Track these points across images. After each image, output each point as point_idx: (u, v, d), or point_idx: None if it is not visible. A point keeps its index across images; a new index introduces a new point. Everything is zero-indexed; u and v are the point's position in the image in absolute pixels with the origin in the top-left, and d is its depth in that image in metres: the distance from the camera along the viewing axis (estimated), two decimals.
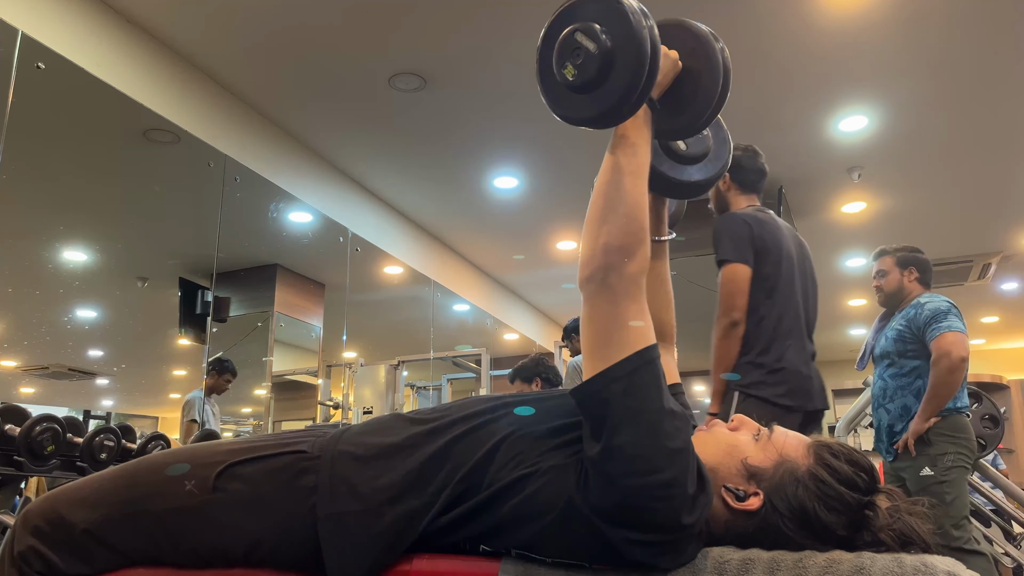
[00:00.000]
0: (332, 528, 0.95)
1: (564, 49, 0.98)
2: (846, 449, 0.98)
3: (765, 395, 2.30)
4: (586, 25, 0.96)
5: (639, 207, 0.97)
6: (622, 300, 0.94)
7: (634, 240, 0.95)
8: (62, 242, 3.23)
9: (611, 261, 0.93)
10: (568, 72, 0.97)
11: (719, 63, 1.08)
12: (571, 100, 0.99)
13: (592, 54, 0.95)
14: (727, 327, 2.39)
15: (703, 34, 1.10)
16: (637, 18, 0.94)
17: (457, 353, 5.65)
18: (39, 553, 0.99)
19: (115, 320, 3.61)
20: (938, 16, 3.26)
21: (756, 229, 2.44)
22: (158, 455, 1.06)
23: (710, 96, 1.07)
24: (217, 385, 3.78)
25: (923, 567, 0.84)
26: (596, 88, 0.96)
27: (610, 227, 0.95)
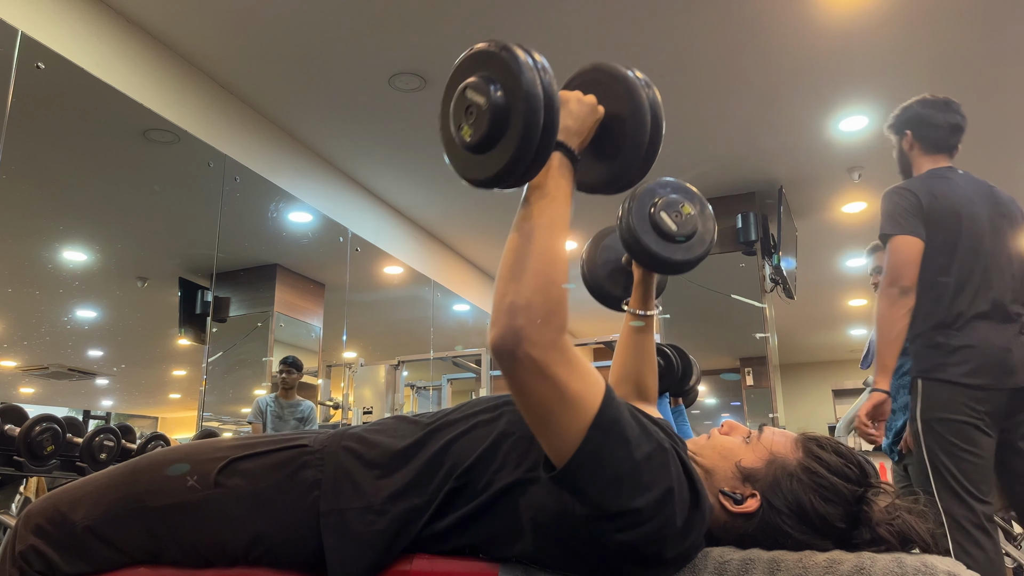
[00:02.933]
0: (334, 524, 0.95)
1: (458, 108, 0.91)
2: (832, 441, 1.00)
3: (949, 376, 2.09)
4: (474, 81, 0.89)
5: (554, 263, 0.86)
6: (548, 373, 0.82)
7: (547, 299, 0.83)
8: (62, 242, 3.23)
9: (519, 325, 0.81)
10: (465, 133, 0.89)
11: (643, 105, 1.00)
12: (474, 162, 0.91)
13: (483, 110, 0.87)
14: (896, 296, 2.14)
15: (622, 76, 1.01)
16: (525, 66, 0.87)
17: (457, 353, 5.65)
18: (40, 552, 0.99)
19: (115, 320, 3.61)
20: (938, 16, 3.26)
21: (925, 200, 2.20)
22: (159, 452, 1.06)
23: (639, 141, 1.01)
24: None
25: (923, 567, 0.84)
26: (494, 145, 0.88)
27: (519, 285, 0.84)
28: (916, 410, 2.16)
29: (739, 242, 4.86)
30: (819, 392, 10.24)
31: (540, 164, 0.89)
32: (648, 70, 3.50)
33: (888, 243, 2.22)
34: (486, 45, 0.90)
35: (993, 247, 2.22)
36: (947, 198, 2.22)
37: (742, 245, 4.86)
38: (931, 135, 2.35)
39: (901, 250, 2.18)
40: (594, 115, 0.99)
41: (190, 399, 4.01)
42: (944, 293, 2.18)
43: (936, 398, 2.12)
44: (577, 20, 3.26)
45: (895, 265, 2.18)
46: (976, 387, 2.08)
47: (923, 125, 2.36)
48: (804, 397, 10.18)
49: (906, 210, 2.21)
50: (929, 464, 2.10)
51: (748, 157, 4.52)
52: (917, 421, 2.14)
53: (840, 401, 10.14)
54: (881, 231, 2.24)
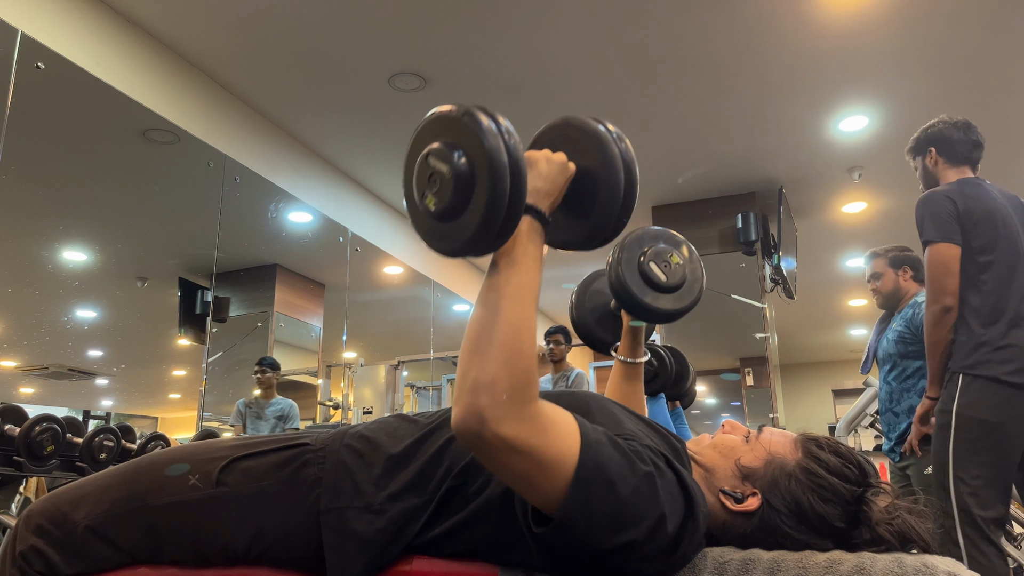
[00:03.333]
0: (334, 522, 0.95)
1: (421, 176, 0.87)
2: (831, 442, 1.00)
3: (994, 374, 2.13)
4: (436, 148, 0.85)
5: (520, 334, 0.82)
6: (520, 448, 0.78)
7: (513, 373, 0.79)
8: (62, 242, 3.23)
9: (483, 405, 0.77)
10: (429, 202, 0.86)
11: (616, 160, 0.96)
12: (441, 231, 0.87)
13: (447, 178, 0.84)
14: (939, 313, 2.21)
15: (592, 131, 0.98)
16: (489, 132, 0.83)
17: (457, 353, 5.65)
18: (40, 552, 0.99)
19: (115, 320, 3.61)
20: (938, 16, 3.26)
21: (961, 203, 2.27)
22: (161, 452, 1.07)
23: (613, 197, 0.95)
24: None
25: (924, 567, 0.84)
26: (459, 215, 0.84)
27: (483, 360, 0.80)
28: (953, 404, 2.18)
29: (739, 242, 4.86)
30: (819, 392, 10.25)
31: (508, 233, 0.86)
32: (648, 70, 3.51)
33: (928, 250, 2.28)
34: (448, 109, 0.87)
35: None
36: (982, 201, 2.30)
37: (742, 245, 4.86)
38: (955, 149, 2.45)
39: (941, 260, 2.24)
40: (565, 173, 0.95)
41: (190, 399, 4.01)
42: (988, 291, 2.23)
43: (977, 395, 2.16)
44: (577, 21, 3.26)
45: (937, 278, 2.24)
46: (1018, 386, 2.13)
47: (946, 142, 2.46)
48: (804, 397, 10.19)
49: (943, 216, 2.27)
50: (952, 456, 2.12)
51: (748, 157, 4.52)
52: (952, 414, 2.17)
53: (840, 401, 10.15)
54: (923, 237, 2.29)
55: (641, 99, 3.88)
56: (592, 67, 3.60)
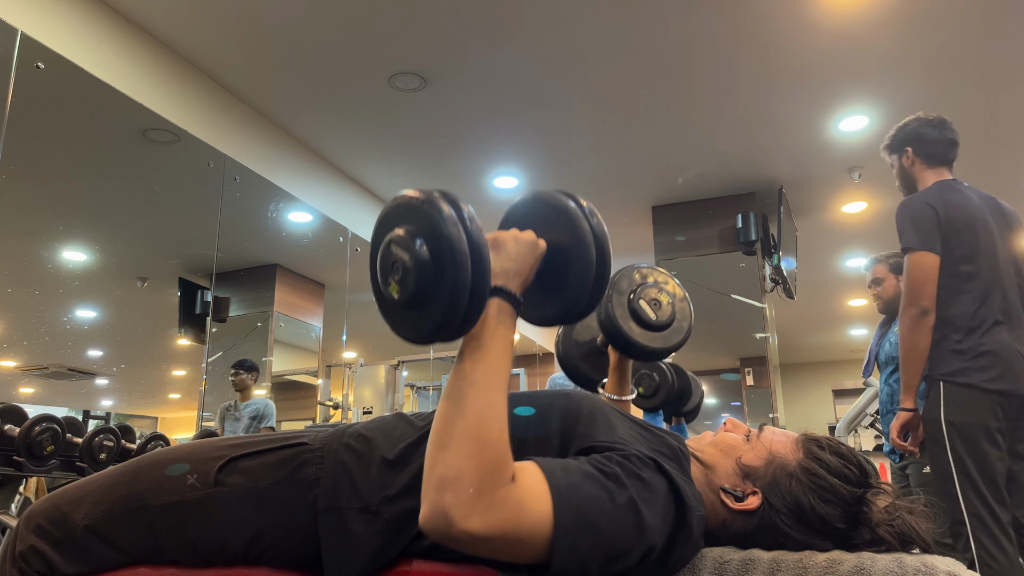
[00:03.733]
0: (331, 522, 0.95)
1: (384, 263, 0.86)
2: (833, 442, 1.00)
3: (972, 381, 2.14)
4: (398, 235, 0.84)
5: (487, 421, 0.80)
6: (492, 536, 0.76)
7: (480, 463, 0.77)
8: (62, 242, 3.23)
9: (448, 505, 0.75)
10: (392, 289, 0.85)
11: (587, 236, 0.94)
12: (406, 318, 0.87)
13: (408, 267, 0.83)
14: (916, 316, 2.21)
15: (563, 208, 0.96)
16: (449, 220, 0.82)
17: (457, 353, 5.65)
18: (40, 552, 0.99)
19: (115, 320, 3.61)
20: (938, 15, 3.26)
21: (943, 212, 2.26)
22: (160, 452, 1.07)
23: (586, 272, 0.94)
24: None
25: (924, 568, 0.84)
26: (423, 304, 0.83)
27: (446, 455, 0.78)
28: (939, 412, 2.18)
29: (739, 242, 4.86)
30: (819, 392, 10.25)
31: (473, 320, 0.85)
32: (648, 70, 3.51)
33: (908, 257, 2.27)
34: (410, 196, 0.86)
35: (1003, 256, 2.29)
36: (963, 209, 2.29)
37: (742, 245, 4.86)
38: (932, 149, 2.43)
39: (921, 267, 2.23)
40: (535, 252, 0.94)
41: (190, 399, 4.00)
42: (970, 300, 2.22)
43: (962, 401, 2.16)
44: (577, 21, 3.26)
45: (915, 283, 2.23)
46: (998, 392, 2.13)
47: (923, 141, 2.44)
48: (804, 397, 10.18)
49: (925, 224, 2.26)
50: (954, 465, 2.12)
51: (748, 157, 4.52)
52: (941, 423, 2.17)
53: (840, 401, 10.15)
54: (904, 243, 2.28)
55: (641, 99, 3.88)
56: (592, 67, 3.60)
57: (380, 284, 0.88)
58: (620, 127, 4.17)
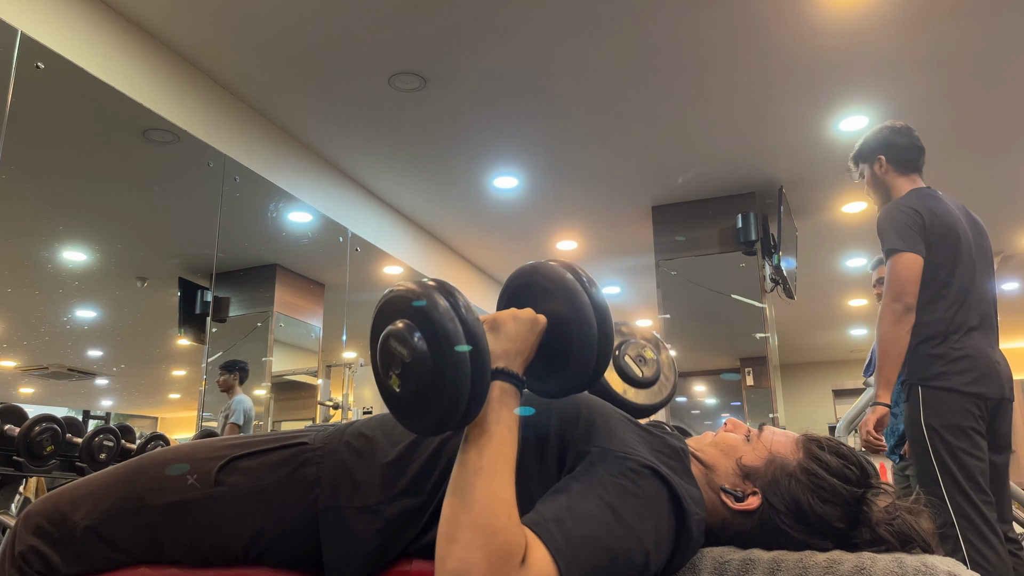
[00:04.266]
0: (332, 521, 0.95)
1: (384, 357, 0.86)
2: (833, 443, 1.00)
3: (950, 385, 2.19)
4: (395, 330, 0.84)
5: (495, 507, 0.80)
6: None
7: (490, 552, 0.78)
8: (62, 242, 3.23)
9: None
10: (393, 383, 0.85)
11: (584, 304, 0.92)
12: (410, 409, 0.86)
13: (408, 363, 0.83)
14: (900, 312, 2.23)
15: (559, 277, 0.94)
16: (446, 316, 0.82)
17: None
18: (39, 552, 0.98)
19: (115, 320, 3.61)
20: (938, 15, 3.26)
21: (927, 218, 2.30)
22: (160, 452, 1.07)
23: (588, 345, 0.92)
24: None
25: (924, 567, 0.84)
26: (426, 397, 0.83)
27: (457, 547, 0.78)
28: (919, 416, 2.21)
29: (739, 242, 4.86)
30: (819, 392, 10.24)
31: (476, 411, 0.84)
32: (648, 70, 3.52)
33: (892, 258, 2.29)
34: (404, 290, 0.86)
35: (978, 264, 2.34)
36: (943, 217, 2.32)
37: (742, 245, 4.86)
38: (903, 156, 2.47)
39: (906, 267, 2.25)
40: (535, 329, 0.93)
41: (190, 399, 4.00)
42: (946, 306, 2.26)
43: (940, 405, 2.19)
44: (577, 21, 3.26)
45: (899, 282, 2.25)
46: (976, 395, 2.17)
47: (895, 148, 2.47)
48: (804, 397, 10.18)
49: (909, 227, 2.28)
50: (938, 467, 2.16)
51: (748, 157, 4.52)
52: (922, 427, 2.20)
53: (840, 401, 10.14)
54: (887, 246, 2.31)
55: (641, 98, 3.88)
56: (592, 67, 3.60)
57: (381, 377, 0.87)
58: (620, 127, 4.17)
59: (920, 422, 2.20)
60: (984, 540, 2.06)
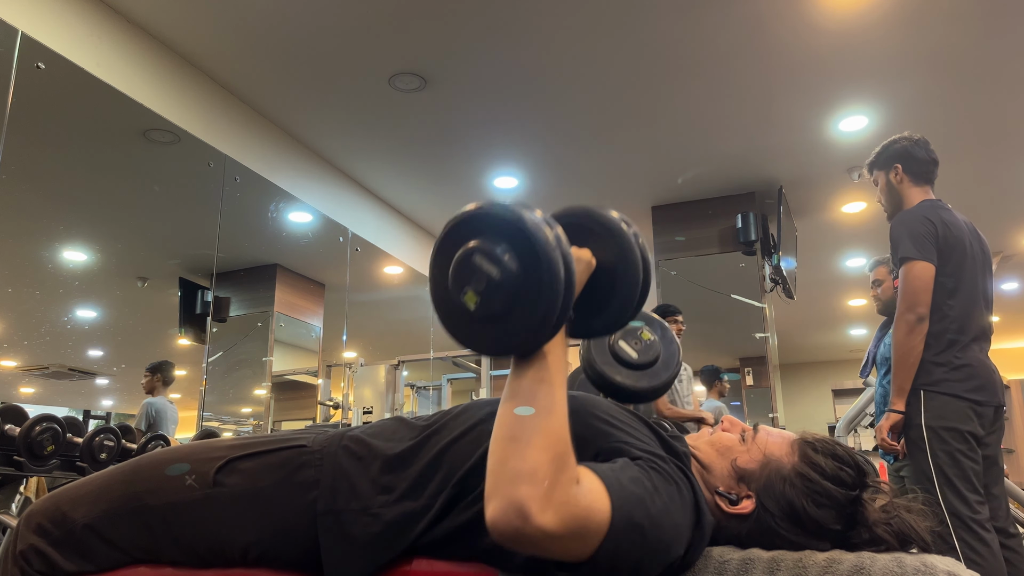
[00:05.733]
0: (330, 525, 0.95)
1: (461, 271, 0.82)
2: (829, 444, 1.00)
3: (954, 391, 2.24)
4: (486, 247, 0.81)
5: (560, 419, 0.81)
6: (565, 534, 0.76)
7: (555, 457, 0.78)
8: (62, 242, 3.23)
9: (524, 497, 0.74)
10: (469, 299, 0.82)
11: (635, 255, 0.94)
12: (474, 330, 0.84)
13: (495, 281, 0.80)
14: (913, 323, 2.27)
15: (615, 226, 0.95)
16: (545, 238, 0.80)
17: (457, 353, 5.65)
18: (40, 551, 0.99)
19: (115, 320, 3.61)
20: (937, 16, 3.26)
21: (940, 229, 2.34)
22: (160, 452, 1.07)
23: (630, 292, 0.94)
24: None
25: (923, 567, 0.84)
26: (502, 320, 0.81)
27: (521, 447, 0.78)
28: (920, 418, 2.27)
29: (739, 242, 4.86)
30: (819, 392, 10.24)
31: (548, 340, 0.85)
32: (648, 70, 3.51)
33: (906, 266, 2.32)
34: (501, 209, 0.83)
35: (980, 278, 2.39)
36: (953, 228, 2.37)
37: (742, 245, 4.86)
38: (919, 168, 2.50)
39: (919, 276, 2.30)
40: (588, 271, 0.94)
41: (190, 399, 4.00)
42: (951, 316, 2.31)
43: (942, 408, 2.25)
44: (577, 21, 3.26)
45: (913, 291, 2.29)
46: (977, 402, 2.24)
47: (912, 159, 2.50)
48: (804, 397, 10.18)
49: (923, 236, 2.32)
50: (933, 468, 2.21)
51: (748, 157, 4.52)
52: (922, 428, 2.26)
53: (840, 401, 10.14)
54: (901, 253, 2.34)
55: (641, 99, 3.88)
56: (592, 67, 3.60)
57: (452, 292, 0.83)
58: (620, 127, 4.17)
59: (920, 424, 2.26)
60: (977, 537, 2.11)
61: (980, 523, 2.13)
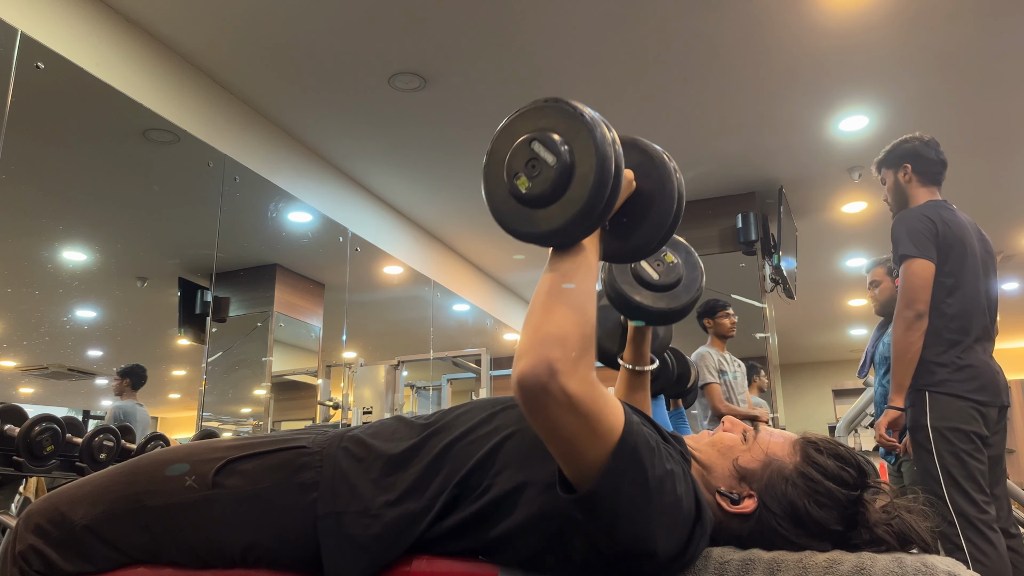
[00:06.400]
0: (331, 527, 0.95)
1: (518, 158, 0.90)
2: (831, 444, 0.99)
3: (957, 391, 2.25)
4: (545, 135, 0.88)
5: (590, 302, 0.86)
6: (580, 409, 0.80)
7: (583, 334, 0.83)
8: (62, 242, 3.23)
9: (554, 357, 0.79)
10: (521, 183, 0.88)
11: (673, 188, 1.00)
12: (520, 213, 0.90)
13: (550, 167, 0.87)
14: (912, 319, 2.28)
15: (658, 155, 1.01)
16: (603, 135, 0.87)
17: (457, 353, 5.65)
18: (39, 552, 0.99)
19: (115, 320, 3.61)
20: (938, 16, 3.26)
21: (940, 227, 2.35)
22: (159, 452, 1.06)
23: (662, 220, 0.99)
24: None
25: (923, 567, 0.84)
26: (550, 203, 0.87)
27: (554, 317, 0.83)
28: (926, 419, 2.27)
29: (739, 242, 4.86)
30: (819, 392, 10.24)
31: (590, 232, 0.90)
32: (648, 70, 3.51)
33: (905, 264, 2.33)
34: (567, 105, 0.90)
35: (982, 278, 2.41)
36: (955, 227, 2.38)
37: (742, 245, 4.86)
38: (929, 169, 2.52)
39: (918, 273, 2.31)
40: (628, 190, 0.99)
41: (190, 399, 4.00)
42: (950, 313, 2.32)
43: (946, 409, 2.25)
44: (577, 21, 3.26)
45: (912, 288, 2.30)
46: (981, 402, 2.24)
47: (922, 159, 2.52)
48: (804, 397, 10.18)
49: (923, 234, 2.33)
50: (940, 469, 2.21)
51: (748, 157, 4.52)
52: (928, 429, 2.26)
53: (840, 401, 10.14)
54: (900, 251, 2.35)
55: (641, 99, 3.88)
56: (592, 67, 3.60)
57: (505, 176, 0.90)
58: (620, 127, 4.14)
59: (926, 424, 2.25)
60: (984, 538, 2.11)
61: (988, 524, 2.13)
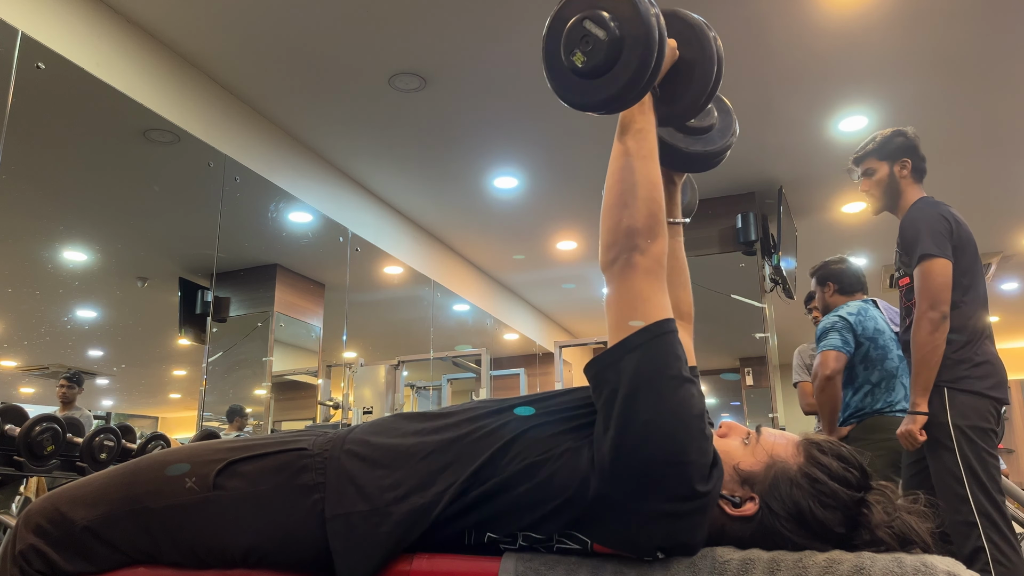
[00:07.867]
0: (340, 528, 0.94)
1: (572, 36, 1.00)
2: (835, 446, 0.99)
3: (976, 388, 2.25)
4: (595, 13, 0.99)
5: (655, 189, 1.00)
6: (644, 278, 0.96)
7: (655, 222, 0.98)
8: (62, 242, 3.23)
9: (635, 243, 0.97)
10: (577, 59, 0.99)
11: (713, 53, 1.10)
12: (578, 86, 1.01)
13: (601, 41, 0.97)
14: (938, 321, 2.26)
15: (698, 24, 1.12)
16: (646, 8, 0.97)
17: (457, 353, 5.65)
18: (40, 551, 0.99)
19: (115, 320, 3.61)
20: (938, 16, 3.26)
21: (955, 226, 2.36)
22: (159, 453, 1.06)
23: (704, 85, 1.10)
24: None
25: (923, 567, 0.84)
26: (604, 74, 0.98)
27: (631, 211, 0.98)
28: (947, 417, 2.26)
29: (739, 242, 4.86)
30: None
31: (642, 96, 1.01)
32: None
33: (927, 263, 2.31)
34: None
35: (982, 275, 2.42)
36: (964, 226, 2.39)
37: (742, 245, 4.86)
38: (921, 166, 2.53)
39: (941, 273, 2.29)
40: (672, 58, 1.09)
41: (190, 399, 4.01)
42: (968, 313, 2.32)
43: (966, 406, 2.25)
44: None
45: (935, 289, 2.28)
46: (996, 399, 2.25)
47: (917, 156, 2.52)
48: None
49: (942, 234, 2.33)
50: (964, 468, 2.20)
51: (748, 157, 4.52)
52: (949, 427, 2.25)
53: None
54: (921, 250, 2.33)
55: None
56: None
57: (562, 54, 1.01)
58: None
59: (947, 422, 2.24)
60: (1004, 538, 2.11)
61: (1008, 524, 2.13)
